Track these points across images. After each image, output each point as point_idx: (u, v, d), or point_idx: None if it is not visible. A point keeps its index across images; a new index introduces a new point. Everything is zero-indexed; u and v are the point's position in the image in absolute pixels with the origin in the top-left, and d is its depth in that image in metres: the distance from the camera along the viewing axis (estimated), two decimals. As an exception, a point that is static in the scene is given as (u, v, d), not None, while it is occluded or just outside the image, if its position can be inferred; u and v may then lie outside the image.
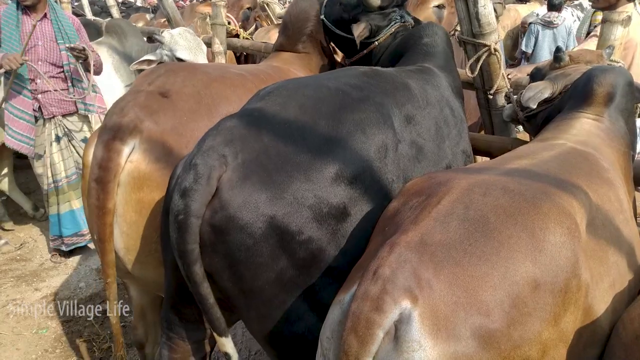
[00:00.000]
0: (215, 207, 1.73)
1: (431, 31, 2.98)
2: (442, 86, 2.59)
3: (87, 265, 4.79)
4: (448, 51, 2.98)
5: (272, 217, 1.73)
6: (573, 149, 1.98)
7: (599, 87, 2.24)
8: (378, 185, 1.95)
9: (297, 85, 2.09)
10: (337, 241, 1.83)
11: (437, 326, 1.27)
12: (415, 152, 2.18)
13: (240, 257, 1.76)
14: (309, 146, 1.84)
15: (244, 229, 1.72)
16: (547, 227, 1.46)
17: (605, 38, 3.00)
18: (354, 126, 1.96)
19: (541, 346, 1.37)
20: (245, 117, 1.91)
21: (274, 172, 1.76)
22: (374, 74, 2.35)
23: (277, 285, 1.80)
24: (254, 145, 1.80)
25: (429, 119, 2.31)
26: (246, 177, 1.74)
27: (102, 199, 2.34)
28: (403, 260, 1.33)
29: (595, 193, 1.75)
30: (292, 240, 1.76)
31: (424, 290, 1.29)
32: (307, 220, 1.77)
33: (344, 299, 1.44)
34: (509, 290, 1.34)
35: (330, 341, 1.45)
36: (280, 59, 3.57)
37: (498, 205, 1.48)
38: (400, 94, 2.27)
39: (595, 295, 1.57)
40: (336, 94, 2.06)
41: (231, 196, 1.72)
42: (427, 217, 1.45)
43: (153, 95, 2.55)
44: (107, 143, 2.37)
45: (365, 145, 1.94)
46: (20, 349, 3.65)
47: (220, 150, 1.76)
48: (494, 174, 1.66)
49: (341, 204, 1.83)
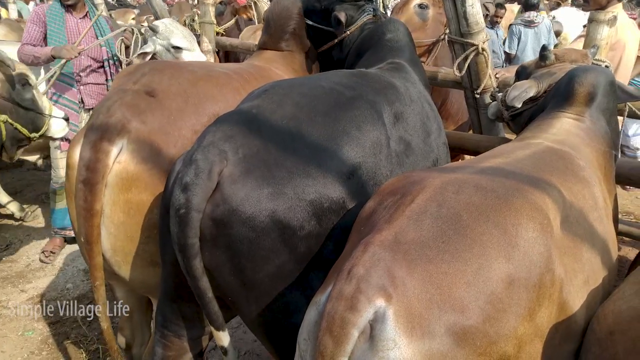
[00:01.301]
0: (217, 201, 1.75)
1: (393, 27, 2.99)
2: (417, 82, 2.62)
3: (74, 267, 4.74)
4: (411, 45, 3.00)
5: (273, 211, 1.75)
6: (549, 147, 1.98)
7: (580, 87, 2.25)
8: (374, 181, 1.99)
9: (292, 84, 2.13)
10: (336, 236, 1.85)
11: (411, 324, 1.26)
12: (404, 148, 2.22)
13: (242, 249, 1.77)
14: (308, 142, 1.87)
15: (246, 222, 1.74)
16: (519, 223, 1.46)
17: (591, 37, 3.01)
18: (350, 123, 1.99)
19: (517, 341, 1.36)
20: (244, 114, 1.94)
21: (274, 167, 1.78)
22: (362, 74, 2.39)
23: (277, 278, 1.83)
24: (254, 141, 1.82)
25: (414, 115, 2.36)
26: (247, 172, 1.76)
27: (89, 201, 2.30)
28: (377, 259, 1.32)
29: (569, 191, 1.75)
30: (294, 234, 1.78)
31: (398, 288, 1.29)
32: (308, 215, 1.79)
33: (320, 300, 1.43)
34: (482, 287, 1.33)
35: (307, 342, 1.44)
36: (263, 57, 3.53)
37: (470, 202, 1.48)
38: (389, 92, 2.31)
39: (569, 290, 1.57)
40: (330, 92, 2.09)
41: (233, 190, 1.74)
42: (401, 216, 1.44)
43: (139, 95, 2.50)
44: (95, 144, 2.32)
45: (361, 141, 1.98)
46: (5, 352, 3.60)
47: (220, 146, 1.77)
48: (467, 172, 1.66)
49: (340, 199, 1.86)
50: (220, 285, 1.88)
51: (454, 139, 3.23)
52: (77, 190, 2.34)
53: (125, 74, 2.73)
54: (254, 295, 1.87)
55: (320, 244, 1.84)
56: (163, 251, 2.04)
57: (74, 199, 2.40)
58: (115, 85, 2.73)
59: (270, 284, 1.83)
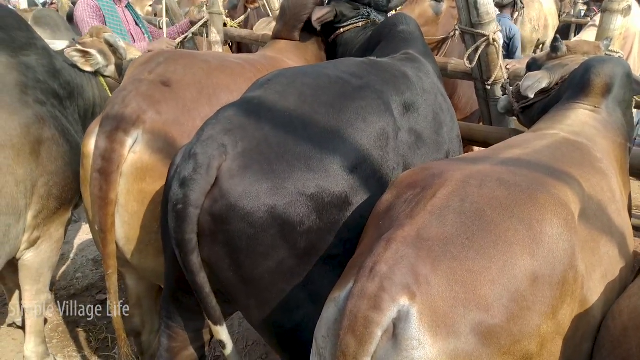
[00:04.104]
0: (216, 196, 1.68)
1: (404, 19, 2.92)
2: (431, 73, 2.54)
3: (83, 256, 4.69)
4: (422, 38, 2.93)
5: (273, 207, 1.67)
6: (565, 139, 1.90)
7: (597, 78, 2.16)
8: (379, 174, 1.90)
9: (296, 74, 2.02)
10: (338, 230, 1.78)
11: (436, 323, 1.20)
12: (415, 139, 2.13)
13: (241, 245, 1.70)
14: (310, 135, 1.78)
15: (245, 218, 1.67)
16: (544, 219, 1.40)
17: (604, 28, 2.91)
18: (355, 114, 1.90)
19: (540, 340, 1.31)
20: (245, 106, 1.85)
21: (275, 161, 1.70)
22: (372, 63, 2.28)
23: (277, 274, 1.75)
24: (254, 134, 1.73)
25: (426, 106, 2.26)
26: (247, 166, 1.68)
27: (104, 190, 2.27)
28: (400, 256, 1.26)
29: (587, 183, 1.68)
30: (294, 230, 1.70)
31: (422, 286, 1.22)
32: (309, 210, 1.71)
33: (340, 297, 1.36)
34: (507, 285, 1.27)
35: (326, 340, 1.37)
36: (276, 47, 3.46)
37: (494, 197, 1.41)
38: (399, 82, 2.21)
39: (589, 286, 1.52)
40: (336, 81, 2.00)
41: (232, 185, 1.66)
42: (423, 211, 1.37)
43: (155, 85, 2.46)
44: (110, 134, 2.29)
45: (366, 133, 1.88)
46: (16, 339, 3.56)
47: (219, 139, 1.70)
48: (488, 164, 1.59)
49: (343, 193, 1.77)
50: (219, 280, 1.83)
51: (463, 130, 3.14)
52: (92, 179, 2.31)
53: (142, 64, 2.68)
54: (254, 292, 1.81)
55: (322, 239, 1.76)
56: (165, 245, 1.99)
57: (89, 187, 2.37)
58: (130, 74, 2.68)
59: (270, 280, 1.76)
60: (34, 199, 2.62)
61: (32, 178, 2.58)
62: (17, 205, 2.51)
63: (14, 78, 2.67)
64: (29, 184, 2.56)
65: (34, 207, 2.63)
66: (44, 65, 2.91)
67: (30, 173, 2.56)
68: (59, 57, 3.10)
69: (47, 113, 2.74)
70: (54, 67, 2.98)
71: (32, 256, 2.81)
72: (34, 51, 2.88)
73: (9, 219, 2.48)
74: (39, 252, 2.83)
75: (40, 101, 2.74)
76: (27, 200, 2.57)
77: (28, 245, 2.73)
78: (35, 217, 2.65)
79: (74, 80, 3.14)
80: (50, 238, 2.85)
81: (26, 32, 2.90)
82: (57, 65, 3.02)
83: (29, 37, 2.90)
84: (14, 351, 3.47)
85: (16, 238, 2.58)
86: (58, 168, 2.71)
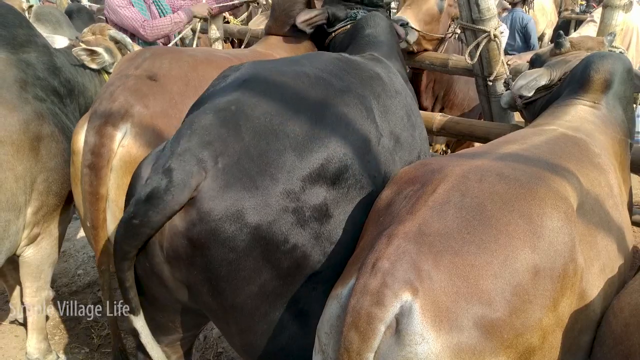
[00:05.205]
0: (194, 220, 1.52)
1: (373, 22, 2.83)
2: (397, 75, 2.45)
3: (84, 253, 4.66)
4: (392, 41, 2.83)
5: (256, 227, 1.53)
6: (563, 134, 1.89)
7: (596, 74, 2.15)
8: (360, 184, 1.78)
9: (273, 72, 1.85)
10: (320, 245, 1.67)
11: (439, 318, 1.19)
12: (394, 143, 2.02)
13: (221, 272, 1.57)
14: (292, 143, 1.63)
15: (226, 242, 1.53)
16: (544, 213, 1.39)
17: (605, 23, 2.88)
18: (338, 121, 1.77)
19: (542, 332, 1.31)
20: (222, 113, 1.65)
21: (257, 176, 1.56)
22: (347, 60, 2.15)
23: (260, 297, 1.63)
24: (234, 146, 1.57)
25: (400, 108, 2.16)
26: (228, 186, 1.52)
27: (95, 185, 2.27)
28: (402, 252, 1.25)
29: (585, 177, 1.68)
30: (277, 249, 1.58)
31: (424, 282, 1.21)
32: (292, 227, 1.58)
33: (342, 293, 1.35)
34: (509, 278, 1.26)
35: (329, 336, 1.36)
36: (267, 43, 3.44)
37: (494, 191, 1.40)
38: (375, 83, 2.10)
39: (588, 279, 1.52)
40: (317, 82, 1.86)
41: (212, 207, 1.51)
42: (424, 206, 1.36)
43: (141, 79, 2.46)
44: (99, 129, 2.29)
45: (348, 141, 1.75)
46: (18, 336, 3.54)
47: (197, 154, 1.53)
48: (487, 159, 1.58)
49: (323, 205, 1.65)
50: (197, 303, 1.71)
51: (464, 127, 3.14)
52: (82, 175, 2.31)
53: (128, 60, 2.69)
54: (235, 318, 1.68)
55: (305, 256, 1.64)
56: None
57: (79, 184, 2.37)
58: (117, 70, 2.69)
59: (252, 305, 1.63)
60: (34, 195, 2.60)
61: (32, 174, 2.56)
62: (17, 201, 2.49)
63: (13, 74, 2.65)
64: (28, 180, 2.54)
65: (33, 203, 2.61)
66: (44, 62, 2.88)
67: (29, 169, 2.54)
68: (59, 55, 3.08)
69: (47, 110, 2.72)
70: (54, 64, 2.96)
71: (33, 253, 2.79)
72: (34, 48, 2.86)
73: (8, 214, 2.46)
74: (39, 249, 2.80)
75: (40, 98, 2.72)
76: (26, 196, 2.55)
77: (28, 241, 2.71)
78: (34, 213, 2.63)
79: (75, 78, 3.12)
80: (51, 235, 2.83)
81: (26, 30, 2.88)
82: (58, 63, 3.00)
83: (30, 34, 2.88)
84: (16, 348, 3.45)
85: (16, 234, 2.57)
86: (57, 165, 2.69)
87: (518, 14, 6.93)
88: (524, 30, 6.86)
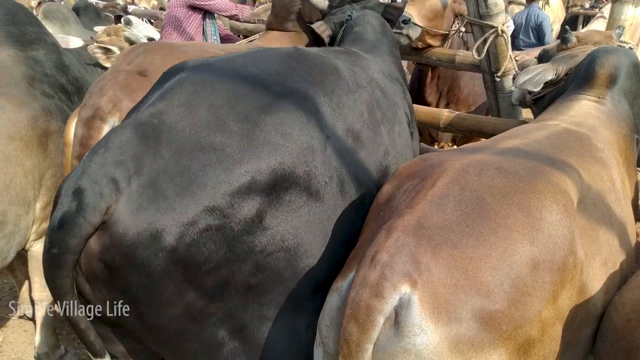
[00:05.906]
0: (106, 244, 1.42)
1: (363, 20, 2.82)
2: (370, 68, 2.37)
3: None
4: (380, 38, 2.78)
5: (172, 250, 1.43)
6: (565, 129, 1.89)
7: (601, 69, 2.13)
8: (306, 191, 1.68)
9: (206, 78, 1.73)
10: (252, 258, 1.56)
11: (437, 309, 1.20)
12: (352, 141, 1.92)
13: (139, 295, 1.47)
14: (219, 157, 1.52)
15: (140, 267, 1.43)
16: (543, 206, 1.39)
17: (615, 18, 2.85)
18: (273, 129, 1.64)
19: (541, 325, 1.31)
20: (142, 128, 1.53)
21: (174, 196, 1.44)
22: (299, 55, 2.02)
23: (185, 319, 1.53)
24: (151, 165, 1.45)
25: (360, 103, 2.06)
26: (141, 208, 1.41)
27: None
28: (400, 244, 1.25)
29: (586, 172, 1.67)
30: (199, 270, 1.48)
31: (422, 274, 1.22)
32: (216, 245, 1.49)
33: (342, 286, 1.36)
34: (508, 271, 1.27)
35: (329, 329, 1.37)
36: (267, 38, 3.46)
37: (493, 185, 1.40)
38: (328, 79, 1.98)
39: (588, 273, 1.51)
40: (252, 87, 1.72)
41: (124, 231, 1.40)
42: (423, 200, 1.37)
43: (131, 75, 2.52)
44: (88, 121, 2.38)
45: (286, 149, 1.64)
46: (27, 331, 3.57)
47: (110, 173, 1.42)
48: (487, 153, 1.58)
49: (256, 218, 1.55)
50: (126, 325, 1.59)
51: (472, 123, 3.11)
52: (72, 167, 2.36)
53: (123, 55, 2.75)
54: (163, 339, 1.59)
55: (236, 271, 1.55)
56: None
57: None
58: (112, 65, 2.77)
59: (178, 327, 1.54)
60: (42, 191, 2.63)
61: (40, 169, 2.59)
62: (26, 196, 2.52)
63: (21, 71, 2.69)
64: (37, 176, 2.57)
65: (42, 198, 2.64)
66: (52, 60, 2.92)
67: (38, 164, 2.57)
68: (68, 54, 3.11)
69: (54, 106, 2.75)
70: (62, 62, 2.99)
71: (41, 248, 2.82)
72: (42, 46, 2.90)
73: (18, 209, 2.49)
74: (47, 244, 2.84)
75: (48, 94, 2.75)
76: (35, 191, 2.58)
77: (37, 236, 2.74)
78: (43, 208, 2.66)
79: (84, 76, 3.16)
80: (59, 230, 2.86)
81: (36, 27, 2.92)
82: (66, 61, 3.03)
83: (39, 32, 2.92)
84: (25, 342, 3.48)
85: (26, 229, 2.59)
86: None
87: (534, 11, 6.82)
88: (539, 27, 6.75)
